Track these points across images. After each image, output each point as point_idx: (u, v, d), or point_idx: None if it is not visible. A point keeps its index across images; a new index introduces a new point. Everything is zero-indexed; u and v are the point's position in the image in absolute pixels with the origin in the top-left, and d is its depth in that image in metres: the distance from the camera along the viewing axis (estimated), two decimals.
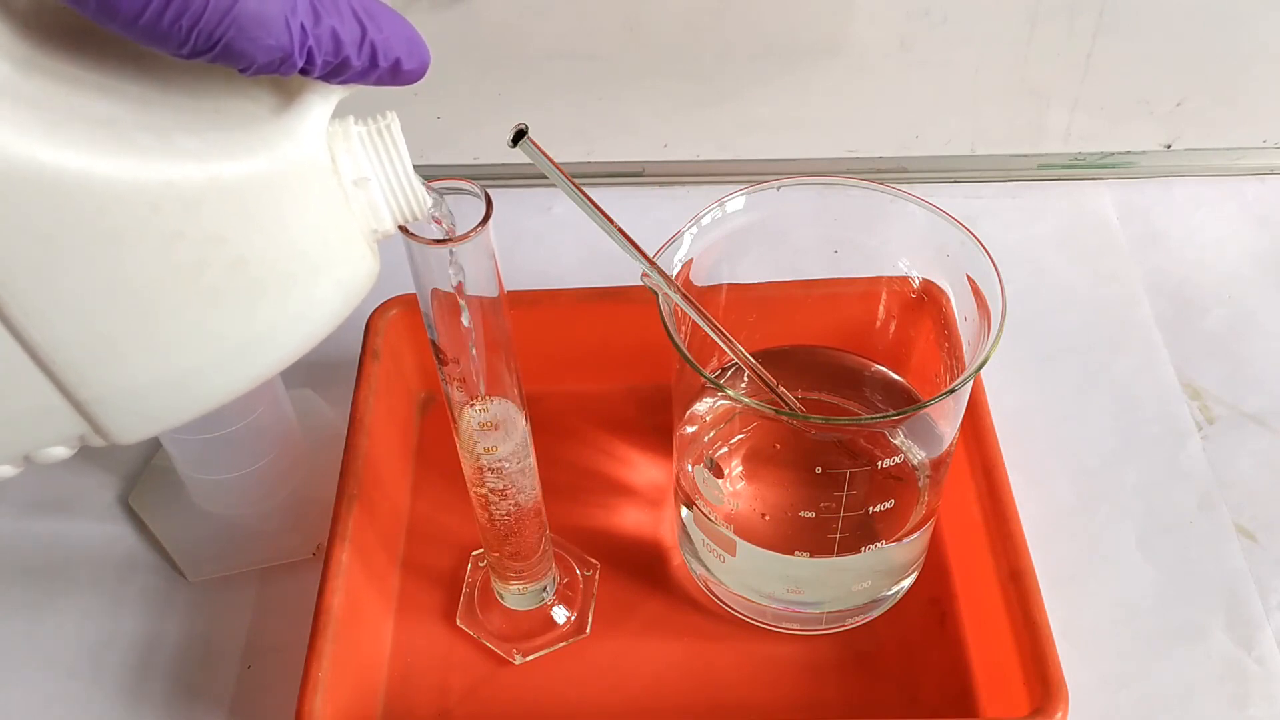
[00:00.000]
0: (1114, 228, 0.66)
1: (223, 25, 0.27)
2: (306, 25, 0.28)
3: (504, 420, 0.41)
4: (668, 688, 0.48)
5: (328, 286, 0.32)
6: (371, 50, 0.30)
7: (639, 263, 0.41)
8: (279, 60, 0.28)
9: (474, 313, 0.37)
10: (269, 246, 0.30)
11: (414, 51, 0.31)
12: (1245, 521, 0.53)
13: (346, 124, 0.32)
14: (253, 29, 0.27)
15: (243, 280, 0.30)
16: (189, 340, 0.30)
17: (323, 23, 0.29)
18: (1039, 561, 0.45)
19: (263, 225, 0.30)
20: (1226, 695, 0.48)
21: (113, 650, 0.50)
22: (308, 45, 0.28)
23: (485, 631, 0.49)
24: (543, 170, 0.37)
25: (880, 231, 0.46)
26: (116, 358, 0.30)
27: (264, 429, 0.51)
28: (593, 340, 0.55)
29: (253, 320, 0.31)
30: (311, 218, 0.31)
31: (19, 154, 0.26)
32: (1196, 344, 0.60)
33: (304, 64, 0.29)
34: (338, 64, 0.29)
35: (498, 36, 0.62)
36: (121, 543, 0.54)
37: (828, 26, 0.62)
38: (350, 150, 0.32)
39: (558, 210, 0.67)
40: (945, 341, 0.46)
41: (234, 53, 0.27)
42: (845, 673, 0.48)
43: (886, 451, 0.47)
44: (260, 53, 0.28)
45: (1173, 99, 0.66)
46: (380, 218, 0.33)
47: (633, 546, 0.52)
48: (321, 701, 0.42)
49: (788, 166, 0.68)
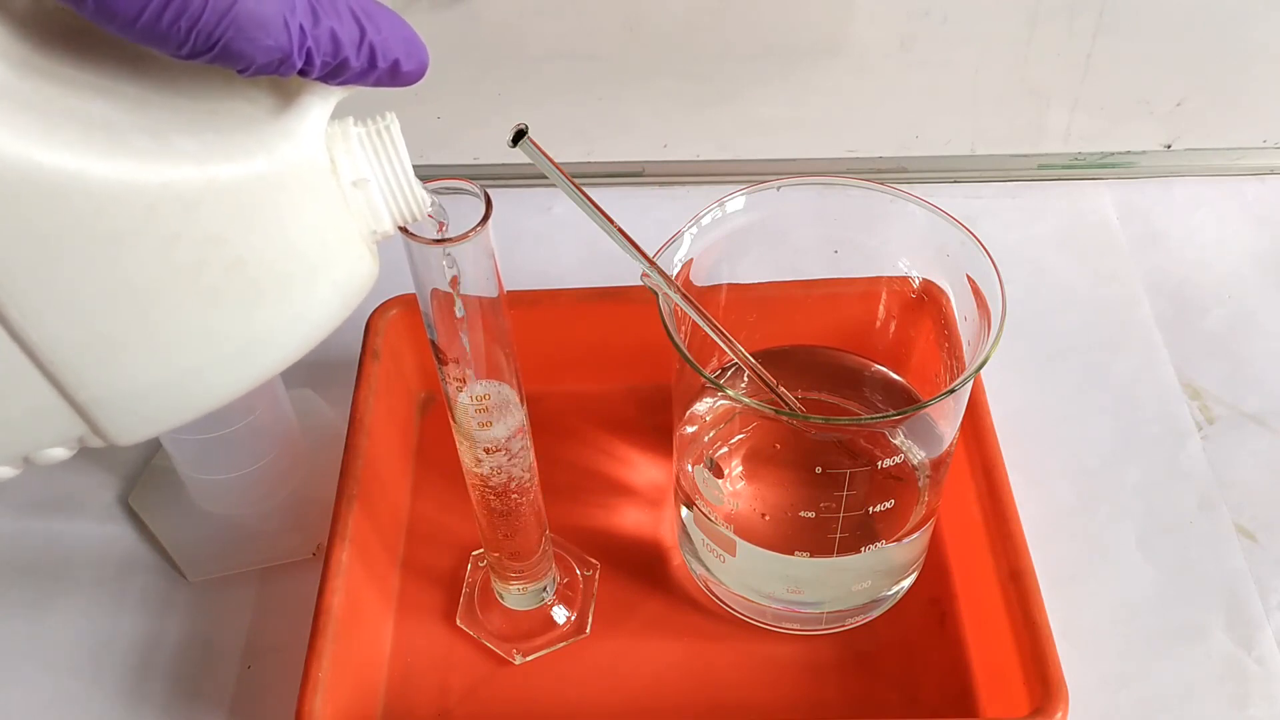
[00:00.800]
0: (1114, 228, 0.66)
1: (221, 26, 0.27)
2: (305, 26, 0.28)
3: (500, 402, 0.40)
4: (668, 688, 0.48)
5: (326, 287, 0.32)
6: (370, 51, 0.30)
7: (639, 263, 0.41)
8: (278, 61, 0.28)
9: (471, 308, 0.37)
10: (267, 247, 0.30)
11: (412, 52, 0.31)
12: (1245, 521, 0.53)
13: (345, 125, 0.32)
14: (251, 30, 0.27)
15: (241, 281, 0.30)
16: (188, 341, 0.30)
17: (321, 24, 0.29)
18: (1039, 561, 0.45)
19: (261, 226, 0.30)
20: (1226, 695, 0.48)
21: (113, 650, 0.50)
22: (306, 46, 0.28)
23: (485, 631, 0.49)
24: (543, 170, 0.37)
25: (880, 231, 0.46)
26: (115, 359, 0.30)
27: (264, 429, 0.51)
28: (593, 340, 0.55)
29: (251, 321, 0.31)
30: (310, 219, 0.31)
31: (16, 156, 0.26)
32: (1196, 344, 0.60)
33: (303, 65, 0.29)
34: (336, 65, 0.29)
35: (498, 36, 0.62)
36: (121, 543, 0.54)
37: (828, 26, 0.62)
38: (349, 151, 0.32)
39: (558, 210, 0.67)
40: (945, 341, 0.46)
41: (233, 53, 0.27)
42: (845, 673, 0.48)
43: (886, 451, 0.47)
44: (259, 53, 0.28)
45: (1173, 99, 0.66)
46: (379, 219, 0.33)
47: (633, 546, 0.52)
48: (321, 701, 0.42)
49: (788, 166, 0.68)
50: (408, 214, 0.33)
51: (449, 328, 0.38)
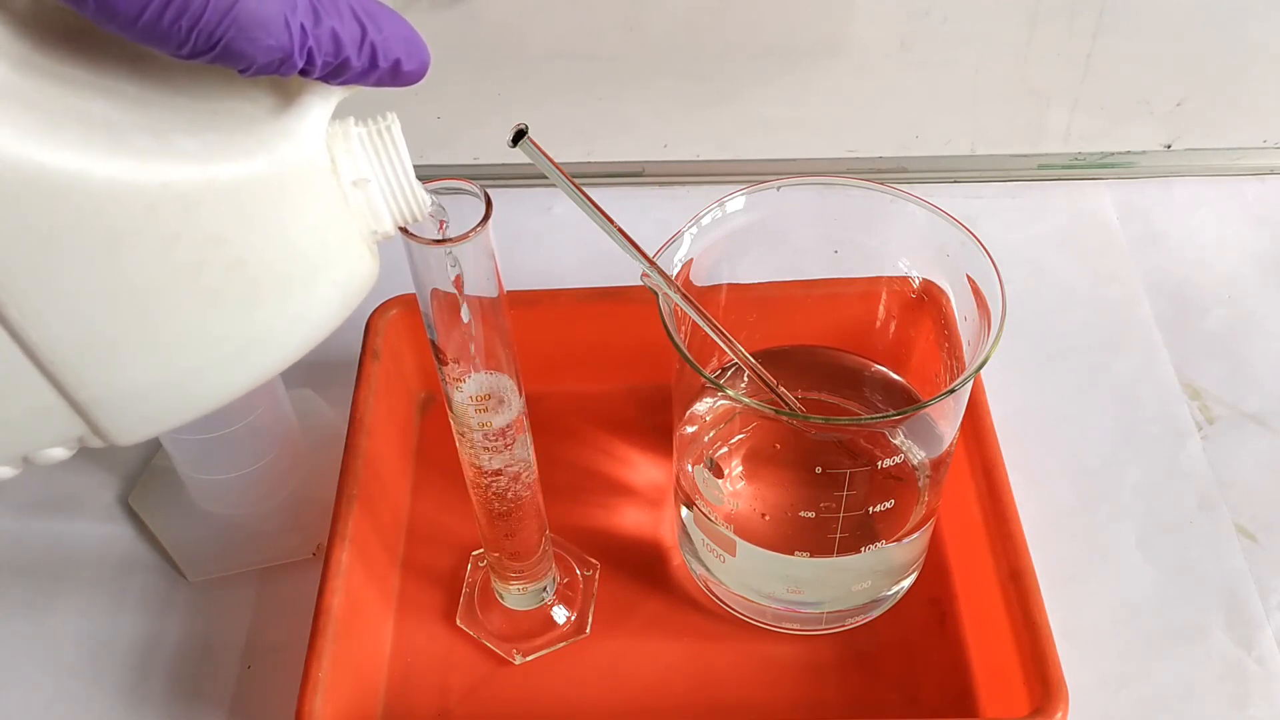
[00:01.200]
0: (1114, 228, 0.66)
1: (223, 25, 0.27)
2: (306, 25, 0.28)
3: (499, 392, 0.40)
4: (668, 688, 0.48)
5: (326, 288, 0.32)
6: (371, 51, 0.30)
7: (639, 263, 0.41)
8: (279, 61, 0.28)
9: (471, 308, 0.37)
10: (267, 247, 0.30)
11: (414, 52, 0.31)
12: (1245, 521, 0.53)
13: (346, 125, 0.32)
14: (253, 29, 0.27)
15: (241, 281, 0.30)
16: (188, 341, 0.30)
17: (323, 23, 0.29)
18: (1039, 561, 0.45)
19: (261, 226, 0.30)
20: (1226, 695, 0.48)
21: (113, 650, 0.50)
22: (308, 46, 0.28)
23: (485, 631, 0.49)
24: (543, 170, 0.37)
25: (880, 231, 0.46)
26: (115, 358, 0.30)
27: (264, 429, 0.51)
28: (593, 340, 0.55)
29: (251, 321, 0.31)
30: (310, 219, 0.31)
31: (17, 155, 0.26)
32: (1196, 344, 0.60)
33: (304, 64, 0.29)
34: (338, 64, 0.29)
35: (498, 36, 0.62)
36: (121, 543, 0.54)
37: (828, 26, 0.62)
38: (350, 151, 0.32)
39: (558, 210, 0.67)
40: (945, 341, 0.46)
41: (234, 53, 0.27)
42: (845, 673, 0.48)
43: (886, 451, 0.47)
44: (260, 53, 0.28)
45: (1173, 99, 0.66)
46: (380, 219, 0.33)
47: (633, 546, 0.52)
48: (321, 701, 0.42)
49: (788, 166, 0.68)
50: (408, 214, 0.33)
51: (449, 328, 0.38)
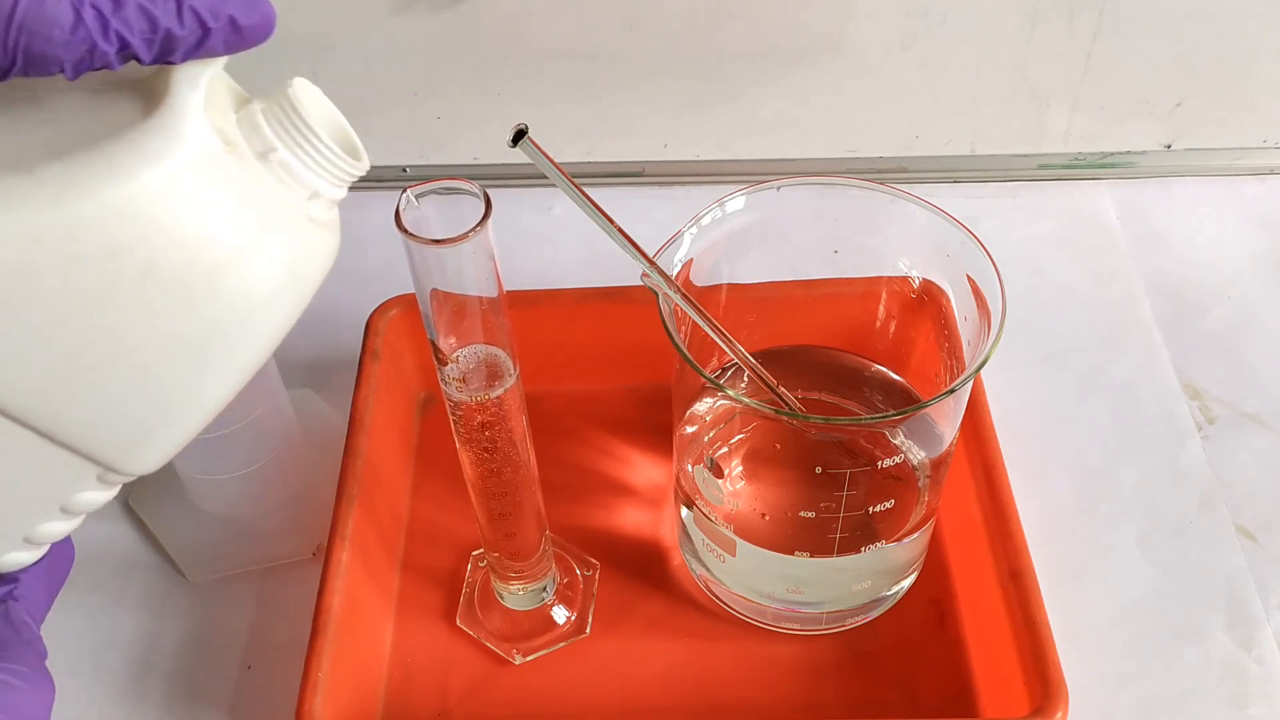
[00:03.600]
0: (1114, 228, 0.66)
1: (12, 33, 0.26)
2: (104, 10, 0.27)
3: (493, 362, 0.40)
4: (668, 688, 0.48)
5: (265, 266, 0.31)
6: (195, 16, 0.29)
7: (639, 263, 0.41)
8: (87, 52, 0.27)
9: (471, 307, 0.37)
10: (174, 245, 0.30)
11: (252, 6, 0.30)
12: (1245, 521, 0.53)
13: (250, 107, 0.31)
14: (44, 28, 0.26)
15: (162, 283, 0.29)
16: (136, 353, 0.30)
17: (126, 5, 0.28)
18: (1039, 561, 0.45)
19: (157, 226, 0.29)
20: (1226, 695, 0.48)
21: (113, 650, 0.50)
22: (113, 29, 0.27)
23: (485, 631, 0.49)
24: (543, 170, 0.37)
25: (880, 231, 0.46)
26: (74, 388, 0.29)
27: (264, 429, 0.51)
28: (593, 340, 0.55)
29: (194, 319, 0.30)
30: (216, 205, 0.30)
31: None
32: (1196, 344, 0.60)
33: (121, 49, 0.28)
34: (162, 39, 0.28)
35: (498, 36, 0.62)
36: (121, 543, 0.54)
37: (828, 26, 0.62)
38: (256, 127, 0.31)
39: (558, 210, 0.67)
40: (945, 341, 0.46)
41: (36, 57, 0.27)
42: (845, 673, 0.48)
43: (886, 451, 0.47)
44: (62, 49, 0.27)
45: (1173, 99, 0.66)
46: (307, 184, 0.32)
47: (633, 546, 0.52)
48: (321, 701, 0.42)
49: (788, 166, 0.68)
50: (336, 172, 0.32)
51: (449, 328, 0.38)
